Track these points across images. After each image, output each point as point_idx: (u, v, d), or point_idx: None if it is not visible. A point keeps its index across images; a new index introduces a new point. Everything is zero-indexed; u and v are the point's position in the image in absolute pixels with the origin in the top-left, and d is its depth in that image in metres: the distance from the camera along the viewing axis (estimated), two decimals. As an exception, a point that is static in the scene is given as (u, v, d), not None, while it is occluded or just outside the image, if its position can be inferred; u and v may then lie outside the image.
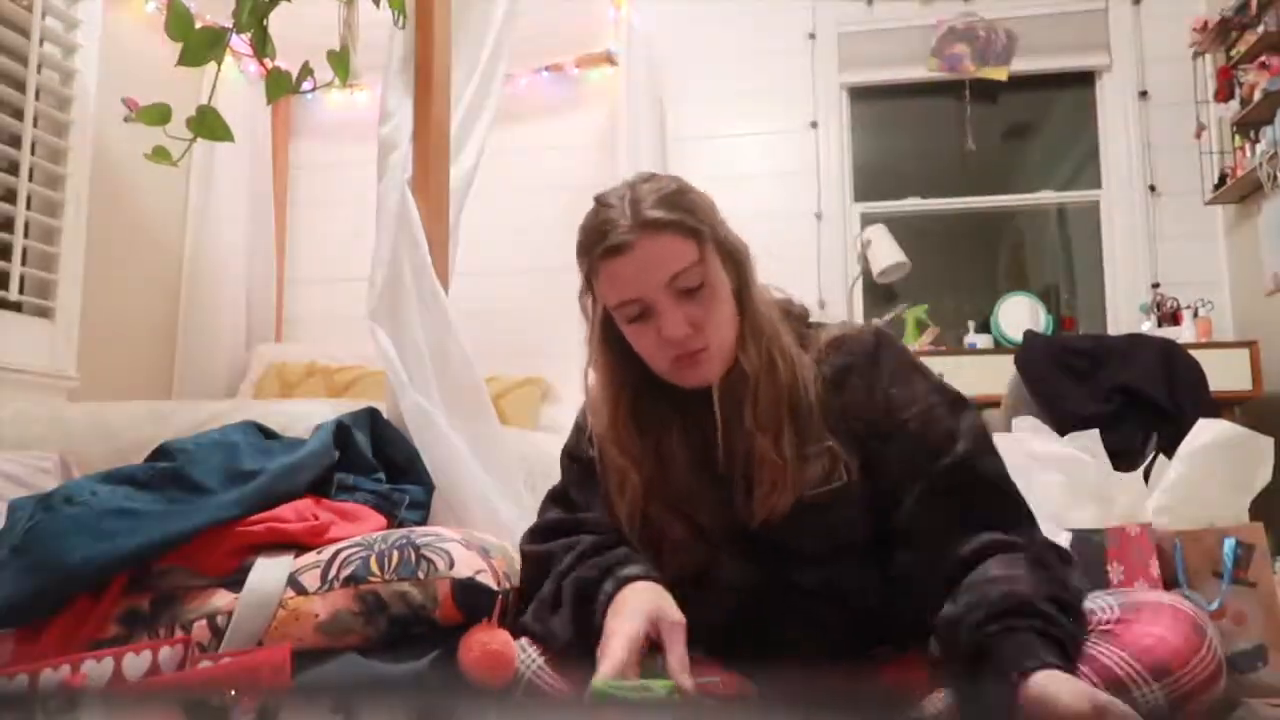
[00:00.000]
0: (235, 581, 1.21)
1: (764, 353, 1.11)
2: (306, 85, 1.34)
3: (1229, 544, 1.61)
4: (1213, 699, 0.87)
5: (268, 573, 1.19)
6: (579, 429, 1.27)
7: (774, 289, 1.21)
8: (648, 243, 1.06)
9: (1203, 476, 1.71)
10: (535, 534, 1.23)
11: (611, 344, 1.15)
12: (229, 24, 1.27)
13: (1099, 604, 0.97)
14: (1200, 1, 3.42)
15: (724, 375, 1.12)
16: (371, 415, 1.68)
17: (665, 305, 1.07)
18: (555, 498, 1.27)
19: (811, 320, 1.22)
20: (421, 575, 1.16)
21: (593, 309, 1.15)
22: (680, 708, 0.88)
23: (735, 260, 1.14)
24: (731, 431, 1.11)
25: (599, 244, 1.08)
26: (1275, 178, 2.88)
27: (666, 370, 1.12)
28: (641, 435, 1.14)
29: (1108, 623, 0.93)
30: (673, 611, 1.01)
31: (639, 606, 1.00)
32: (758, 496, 1.08)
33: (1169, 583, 1.63)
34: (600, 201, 1.12)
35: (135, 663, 1.01)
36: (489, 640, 1.10)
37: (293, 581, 1.18)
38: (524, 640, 1.13)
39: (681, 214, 1.08)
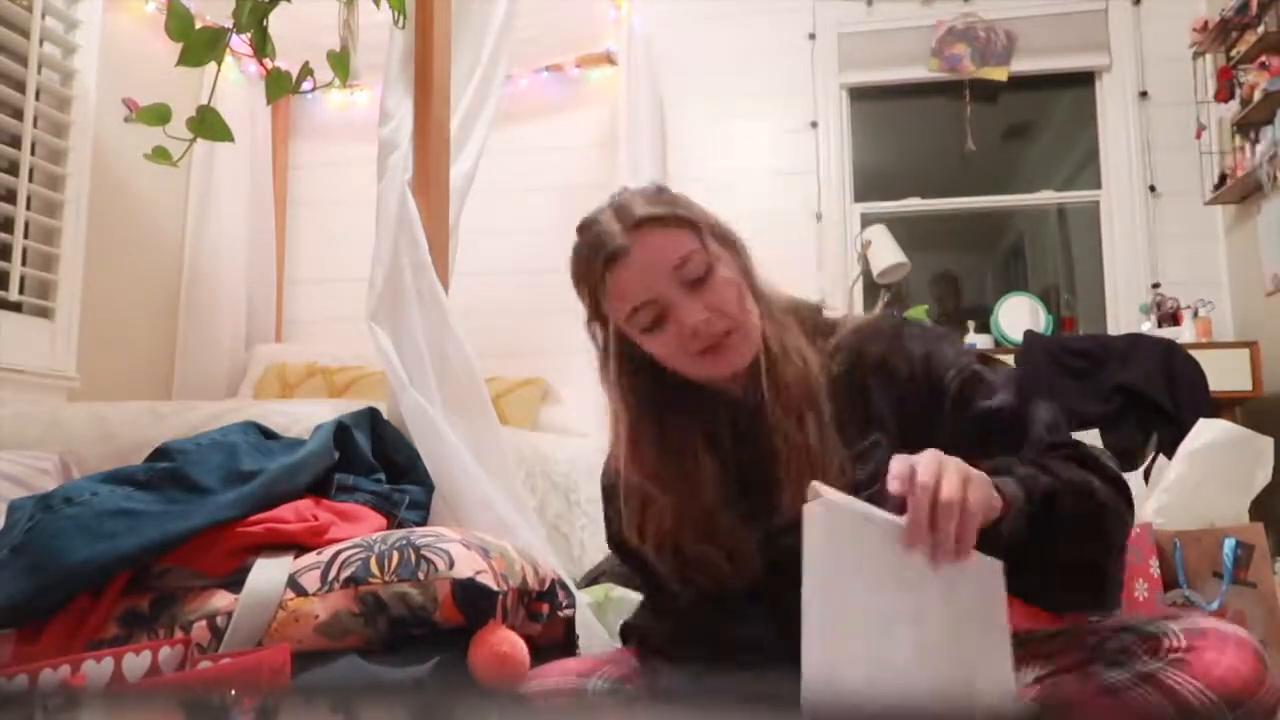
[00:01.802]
0: (235, 582, 1.20)
1: (779, 339, 1.10)
2: (306, 85, 1.34)
3: (1229, 544, 1.61)
4: None
5: (267, 573, 1.19)
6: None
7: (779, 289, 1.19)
8: (645, 240, 1.05)
9: (1203, 477, 1.71)
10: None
11: (626, 368, 1.11)
12: (229, 24, 1.27)
13: (1162, 629, 0.96)
14: (1200, 1, 3.42)
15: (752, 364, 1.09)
16: (372, 415, 1.68)
17: (678, 298, 1.04)
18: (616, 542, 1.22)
19: (826, 313, 1.19)
20: (421, 576, 1.16)
21: (602, 335, 1.12)
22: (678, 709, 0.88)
23: (735, 247, 1.12)
24: (760, 422, 1.08)
25: (597, 256, 1.07)
26: (1275, 178, 2.88)
27: (693, 367, 1.08)
28: (669, 459, 1.10)
29: (1176, 650, 0.93)
30: None
31: None
32: (787, 490, 1.04)
33: (1169, 582, 1.63)
34: (585, 223, 1.11)
35: (135, 663, 1.01)
36: (499, 642, 1.10)
37: (292, 582, 1.18)
38: None
39: (669, 207, 1.08)
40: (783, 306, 1.14)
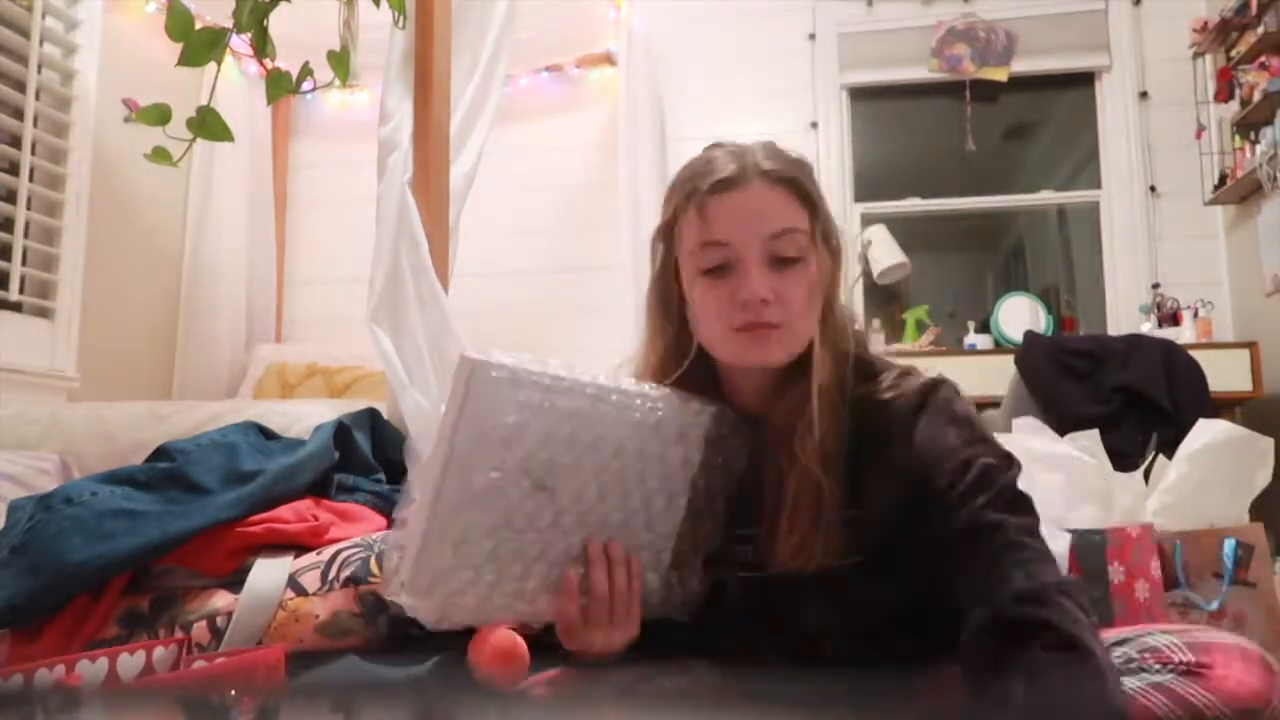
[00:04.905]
0: (235, 582, 1.20)
1: (834, 374, 0.98)
2: (306, 85, 1.34)
3: (1229, 544, 1.61)
4: None
5: (267, 573, 1.19)
6: None
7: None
8: (761, 189, 0.97)
9: (1203, 477, 1.71)
10: None
11: (669, 302, 1.04)
12: (229, 24, 1.27)
13: (1163, 642, 0.94)
14: (1200, 1, 3.42)
15: (784, 380, 1.00)
16: (372, 416, 1.68)
17: (754, 261, 0.96)
18: None
19: (873, 357, 1.05)
20: (421, 575, 1.16)
21: (662, 256, 1.04)
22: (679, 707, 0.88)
23: (837, 258, 1.02)
24: (776, 449, 0.98)
25: (706, 177, 0.98)
26: (1275, 178, 2.88)
27: (724, 338, 0.98)
28: None
29: (1185, 664, 0.92)
30: None
31: None
32: (784, 536, 0.96)
33: (1169, 583, 1.63)
34: (713, 146, 1.04)
35: (130, 663, 1.01)
36: (498, 640, 1.10)
37: (292, 582, 1.18)
38: None
39: (801, 177, 1.00)
40: (844, 350, 1.01)
